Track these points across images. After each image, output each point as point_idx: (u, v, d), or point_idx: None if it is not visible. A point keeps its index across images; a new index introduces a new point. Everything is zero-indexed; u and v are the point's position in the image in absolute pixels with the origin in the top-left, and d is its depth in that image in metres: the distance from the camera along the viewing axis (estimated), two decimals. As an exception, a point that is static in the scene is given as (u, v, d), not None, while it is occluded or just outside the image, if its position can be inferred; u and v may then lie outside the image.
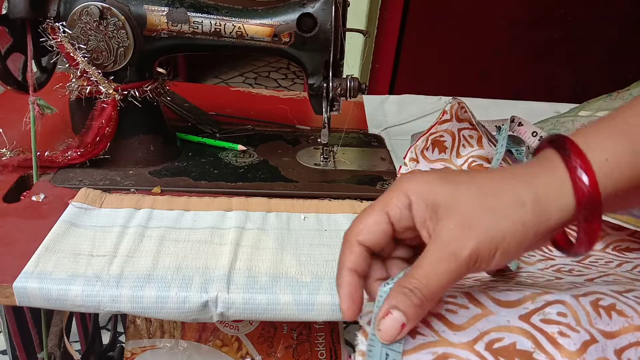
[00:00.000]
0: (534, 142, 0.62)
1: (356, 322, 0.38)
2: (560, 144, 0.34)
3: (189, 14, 0.65)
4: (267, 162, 0.74)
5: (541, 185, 0.33)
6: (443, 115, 0.67)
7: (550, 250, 0.54)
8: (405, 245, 0.38)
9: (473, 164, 0.66)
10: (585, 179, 0.32)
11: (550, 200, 0.33)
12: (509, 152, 0.66)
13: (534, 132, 0.62)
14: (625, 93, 0.68)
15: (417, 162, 0.68)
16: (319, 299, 0.50)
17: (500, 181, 0.34)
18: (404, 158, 0.68)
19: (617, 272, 0.49)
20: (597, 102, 0.70)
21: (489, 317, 0.37)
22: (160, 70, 0.71)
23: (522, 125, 0.63)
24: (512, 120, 0.64)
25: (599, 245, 0.56)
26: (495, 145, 0.63)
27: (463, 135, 0.67)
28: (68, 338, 0.77)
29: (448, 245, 0.33)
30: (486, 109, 0.91)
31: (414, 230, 0.36)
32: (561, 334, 0.36)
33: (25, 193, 0.63)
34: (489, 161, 0.66)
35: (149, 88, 0.67)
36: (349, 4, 0.68)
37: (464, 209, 0.33)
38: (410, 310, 0.33)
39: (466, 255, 0.32)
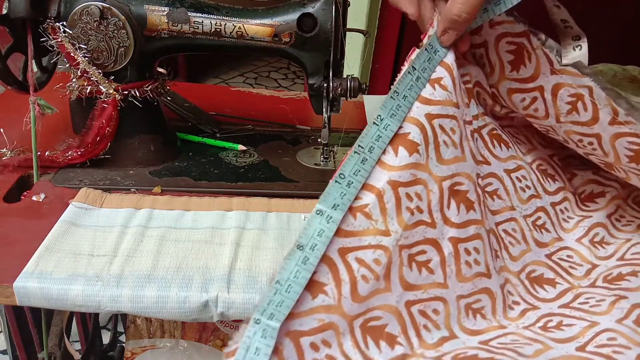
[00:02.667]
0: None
1: None
2: None
3: (189, 14, 0.65)
4: (267, 162, 0.74)
5: None
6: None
7: (537, 292, 0.51)
8: None
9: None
10: None
11: None
12: None
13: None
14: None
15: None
16: (319, 298, 0.50)
17: None
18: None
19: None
20: None
21: None
22: (160, 70, 0.71)
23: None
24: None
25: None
26: None
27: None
28: (68, 338, 0.77)
29: None
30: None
31: None
32: None
33: (25, 193, 0.63)
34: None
35: (149, 88, 0.67)
36: (349, 4, 0.68)
37: None
38: (460, 28, 0.46)
39: None
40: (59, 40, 0.62)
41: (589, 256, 0.55)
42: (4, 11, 0.61)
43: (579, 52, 0.52)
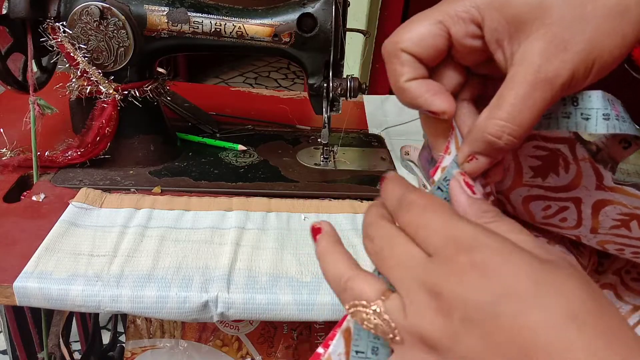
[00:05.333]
0: None
1: None
2: None
3: (189, 13, 0.65)
4: (267, 162, 0.74)
5: None
6: None
7: None
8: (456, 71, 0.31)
9: None
10: None
11: None
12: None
13: None
14: None
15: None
16: (319, 299, 0.50)
17: None
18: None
19: None
20: None
21: None
22: (160, 70, 0.71)
23: None
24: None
25: None
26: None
27: None
28: (68, 338, 0.77)
29: (539, 71, 0.26)
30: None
31: (480, 54, 0.29)
32: None
33: (25, 193, 0.63)
34: None
35: (149, 88, 0.67)
36: (349, 4, 0.68)
37: (555, 23, 0.26)
38: (497, 155, 0.29)
39: (562, 82, 0.26)
40: (59, 40, 0.62)
41: None
42: (4, 11, 0.61)
43: None
